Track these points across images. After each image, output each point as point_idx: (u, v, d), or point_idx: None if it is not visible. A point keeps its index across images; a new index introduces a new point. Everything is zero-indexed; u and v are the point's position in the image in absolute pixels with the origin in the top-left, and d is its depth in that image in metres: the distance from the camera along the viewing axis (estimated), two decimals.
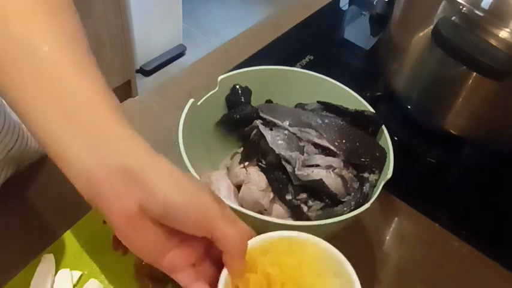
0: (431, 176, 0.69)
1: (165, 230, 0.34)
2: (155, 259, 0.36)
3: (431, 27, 0.57)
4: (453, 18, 0.55)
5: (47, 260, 0.49)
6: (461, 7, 0.54)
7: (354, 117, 0.55)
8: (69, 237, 0.52)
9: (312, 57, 0.82)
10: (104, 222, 0.55)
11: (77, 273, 0.49)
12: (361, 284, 0.36)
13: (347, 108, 0.56)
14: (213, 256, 0.38)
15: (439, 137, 0.68)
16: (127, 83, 1.86)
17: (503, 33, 0.53)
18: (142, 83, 2.04)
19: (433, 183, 0.67)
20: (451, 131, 0.65)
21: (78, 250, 0.51)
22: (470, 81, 0.59)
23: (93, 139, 0.33)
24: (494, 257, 0.57)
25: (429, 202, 0.63)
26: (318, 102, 0.58)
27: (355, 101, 0.57)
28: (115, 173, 0.32)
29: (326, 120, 0.54)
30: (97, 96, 0.34)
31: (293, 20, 0.90)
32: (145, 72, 2.11)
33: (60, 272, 0.49)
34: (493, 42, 0.53)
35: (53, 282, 0.48)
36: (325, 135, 0.52)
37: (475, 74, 0.57)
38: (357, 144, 0.53)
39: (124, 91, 1.84)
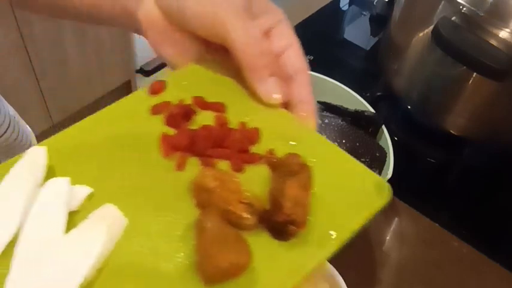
0: (431, 176, 0.69)
1: (193, 39, 0.35)
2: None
3: (431, 27, 0.57)
4: (453, 18, 0.55)
5: (33, 157, 0.27)
6: (461, 7, 0.54)
7: (354, 117, 0.55)
8: (82, 127, 0.29)
9: (312, 57, 0.82)
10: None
11: (83, 189, 0.26)
12: (361, 284, 0.36)
13: (347, 108, 0.56)
14: None
15: (439, 137, 0.68)
16: (127, 83, 1.86)
17: (503, 33, 0.53)
18: (143, 83, 2.04)
19: (433, 183, 0.67)
20: (451, 131, 0.65)
21: (91, 150, 0.28)
22: (470, 81, 0.59)
23: None
24: (494, 257, 0.57)
25: (429, 202, 0.63)
26: (318, 102, 0.58)
27: (355, 101, 0.57)
28: None
29: (326, 120, 0.54)
30: None
31: (293, 20, 0.89)
32: (145, 72, 2.10)
33: (51, 181, 0.26)
34: (493, 42, 0.53)
35: (34, 198, 0.25)
36: (325, 135, 0.52)
37: (475, 74, 0.57)
38: (357, 144, 0.53)
39: (124, 91, 1.84)
